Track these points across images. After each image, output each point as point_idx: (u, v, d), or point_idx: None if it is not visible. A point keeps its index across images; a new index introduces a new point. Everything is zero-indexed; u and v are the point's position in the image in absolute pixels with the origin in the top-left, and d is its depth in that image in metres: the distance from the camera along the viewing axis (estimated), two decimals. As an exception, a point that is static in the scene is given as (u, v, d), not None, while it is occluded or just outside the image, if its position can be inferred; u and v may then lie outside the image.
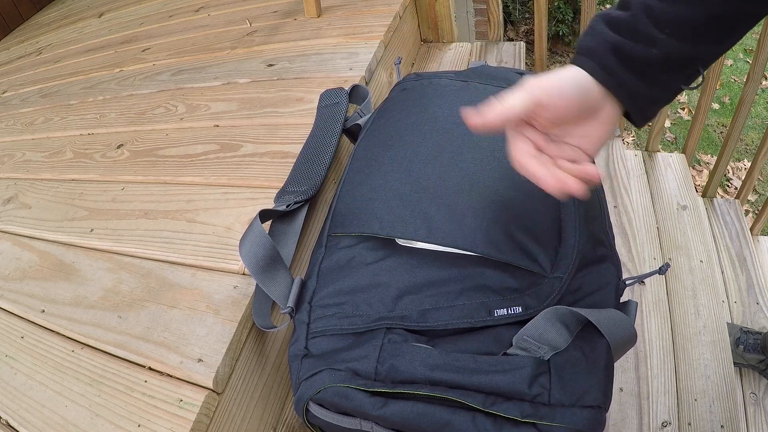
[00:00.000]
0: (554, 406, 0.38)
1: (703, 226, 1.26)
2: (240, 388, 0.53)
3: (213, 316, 0.54)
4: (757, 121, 2.58)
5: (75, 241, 0.71)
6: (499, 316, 0.43)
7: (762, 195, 2.24)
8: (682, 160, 1.46)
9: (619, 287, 0.45)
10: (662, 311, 1.05)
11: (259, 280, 0.50)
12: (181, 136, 0.85)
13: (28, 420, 0.52)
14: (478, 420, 0.38)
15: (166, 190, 0.75)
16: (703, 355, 0.98)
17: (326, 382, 0.41)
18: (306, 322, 0.47)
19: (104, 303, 0.60)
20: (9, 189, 0.90)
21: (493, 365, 0.40)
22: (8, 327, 0.63)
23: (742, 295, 1.34)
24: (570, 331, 0.41)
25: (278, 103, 0.85)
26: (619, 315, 0.41)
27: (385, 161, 0.55)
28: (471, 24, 1.73)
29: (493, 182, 0.50)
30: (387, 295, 0.46)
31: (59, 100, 1.16)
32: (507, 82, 0.64)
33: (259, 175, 0.71)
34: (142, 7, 1.53)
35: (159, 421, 0.47)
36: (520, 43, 1.23)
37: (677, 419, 0.87)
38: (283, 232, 0.59)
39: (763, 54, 1.23)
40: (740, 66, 2.89)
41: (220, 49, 1.09)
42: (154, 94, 1.02)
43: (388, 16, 1.00)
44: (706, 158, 2.41)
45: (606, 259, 0.47)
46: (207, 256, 0.62)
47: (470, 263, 0.46)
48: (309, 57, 0.95)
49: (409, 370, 0.41)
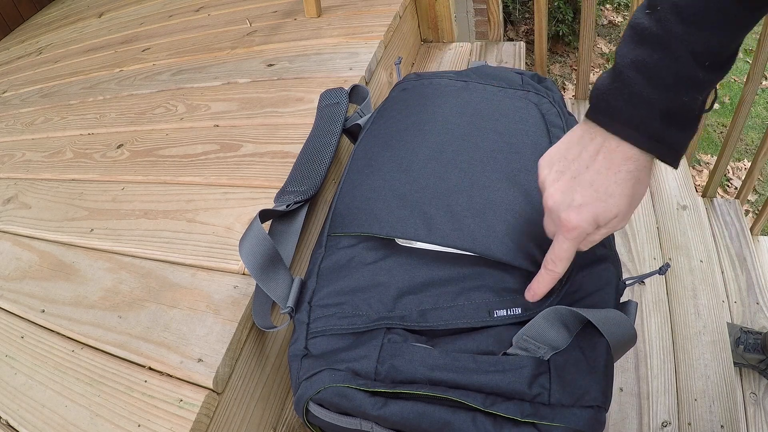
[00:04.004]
0: (554, 406, 0.38)
1: (703, 226, 1.25)
2: (240, 388, 0.53)
3: (213, 316, 0.54)
4: (757, 121, 2.58)
5: (75, 241, 0.71)
6: (498, 317, 0.43)
7: (762, 195, 2.24)
8: (682, 160, 1.46)
9: (619, 287, 0.45)
10: (662, 311, 1.05)
11: (259, 280, 0.50)
12: (181, 136, 0.85)
13: (28, 420, 0.52)
14: (478, 420, 0.38)
15: (166, 190, 0.75)
16: (703, 355, 0.98)
17: (326, 382, 0.41)
18: (306, 322, 0.47)
19: (104, 303, 0.60)
20: (9, 189, 0.90)
21: (493, 365, 0.40)
22: (8, 327, 0.63)
23: (742, 295, 1.34)
24: (570, 331, 0.41)
25: (278, 103, 0.85)
26: (619, 315, 0.41)
27: (385, 161, 0.55)
28: (471, 24, 1.73)
29: (493, 182, 0.50)
30: (387, 295, 0.46)
31: (59, 100, 1.16)
32: (507, 82, 0.64)
33: (259, 175, 0.71)
34: (142, 7, 1.53)
35: (159, 421, 0.47)
36: (520, 43, 1.23)
37: (677, 419, 0.87)
38: (283, 232, 0.59)
39: (763, 54, 1.23)
40: (740, 66, 2.89)
41: (220, 49, 1.09)
42: (154, 94, 1.02)
43: (388, 16, 1.00)
44: (706, 158, 2.41)
45: (606, 259, 0.47)
46: (207, 256, 0.62)
47: (470, 263, 0.46)
48: (309, 57, 0.95)
49: (409, 370, 0.41)
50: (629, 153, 0.34)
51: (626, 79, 0.34)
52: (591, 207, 0.36)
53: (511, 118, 0.57)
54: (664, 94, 0.33)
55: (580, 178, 0.36)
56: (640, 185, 0.36)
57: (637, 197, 0.36)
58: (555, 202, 0.38)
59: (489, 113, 0.58)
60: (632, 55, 0.33)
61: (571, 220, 0.36)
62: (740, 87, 2.40)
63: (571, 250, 0.38)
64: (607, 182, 0.35)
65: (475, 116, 0.58)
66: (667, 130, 0.33)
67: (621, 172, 0.35)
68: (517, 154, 0.52)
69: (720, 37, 0.31)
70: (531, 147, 0.53)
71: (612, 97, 0.34)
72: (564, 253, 0.39)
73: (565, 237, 0.38)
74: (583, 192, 0.36)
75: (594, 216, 0.36)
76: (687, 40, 0.31)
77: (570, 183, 0.37)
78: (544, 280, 0.41)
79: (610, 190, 0.35)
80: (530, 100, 0.60)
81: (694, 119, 0.34)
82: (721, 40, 0.31)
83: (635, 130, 0.34)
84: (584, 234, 0.37)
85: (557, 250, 0.39)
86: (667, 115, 0.33)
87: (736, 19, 0.30)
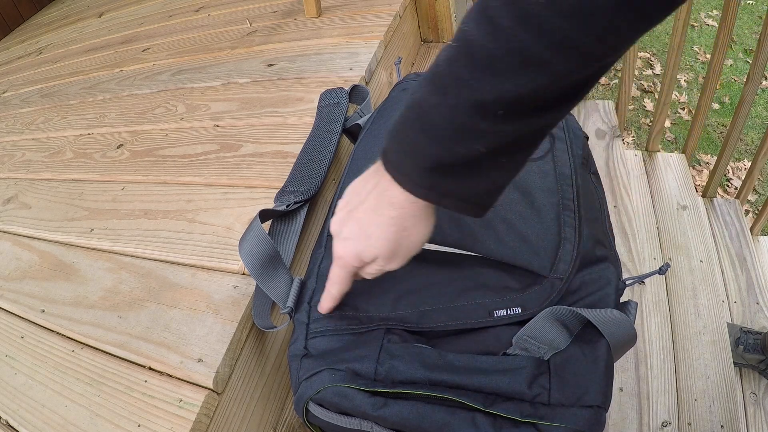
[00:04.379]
0: (554, 406, 0.38)
1: (703, 226, 1.25)
2: (240, 388, 0.53)
3: (213, 316, 0.54)
4: (757, 121, 2.58)
5: (75, 241, 0.71)
6: (498, 317, 0.43)
7: (762, 195, 2.24)
8: (682, 160, 1.46)
9: (619, 287, 0.45)
10: (662, 311, 1.05)
11: (259, 280, 0.50)
12: (181, 136, 0.85)
13: (28, 420, 0.52)
14: (477, 420, 0.38)
15: (166, 190, 0.75)
16: (703, 355, 0.98)
17: (326, 382, 0.41)
18: (305, 323, 0.47)
19: (104, 303, 0.60)
20: (9, 189, 0.90)
21: (493, 365, 0.40)
22: (8, 327, 0.63)
23: (742, 295, 1.34)
24: (570, 331, 0.41)
25: (278, 103, 0.85)
26: (619, 315, 0.41)
27: (385, 161, 0.55)
28: (471, 24, 1.74)
29: (493, 182, 0.50)
30: (386, 295, 0.46)
31: (59, 100, 1.16)
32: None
33: (259, 175, 0.71)
34: (142, 7, 1.53)
35: (159, 421, 0.47)
36: (520, 43, 1.23)
37: (677, 419, 0.87)
38: (283, 232, 0.59)
39: (763, 54, 1.23)
40: (740, 66, 2.89)
41: (220, 49, 1.09)
42: (154, 94, 1.02)
43: (388, 16, 1.00)
44: (706, 158, 2.41)
45: (606, 259, 0.47)
46: (207, 256, 0.62)
47: (469, 263, 0.46)
48: (309, 57, 0.95)
49: (408, 370, 0.41)
50: (395, 198, 0.33)
51: (405, 118, 0.31)
52: (353, 243, 0.37)
53: (510, 118, 0.57)
54: (434, 144, 0.29)
55: (353, 213, 0.37)
56: (406, 233, 0.35)
57: (404, 244, 0.35)
58: (332, 230, 0.39)
59: (489, 113, 0.58)
60: (419, 93, 0.30)
61: (337, 251, 0.39)
62: (740, 87, 2.40)
63: (342, 275, 0.40)
64: (369, 223, 0.35)
65: (475, 116, 0.58)
66: (439, 180, 0.30)
67: (383, 216, 0.34)
68: (517, 154, 0.52)
69: (519, 82, 0.25)
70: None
71: (394, 133, 0.32)
72: (335, 277, 0.41)
73: (335, 263, 0.40)
74: (351, 227, 0.37)
75: (356, 252, 0.37)
76: (470, 87, 0.26)
77: (346, 216, 0.38)
78: (324, 298, 0.44)
79: (369, 231, 0.35)
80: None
81: (479, 167, 0.30)
82: (519, 86, 0.25)
83: (404, 176, 0.32)
84: (350, 265, 0.38)
85: (331, 273, 0.41)
86: (437, 166, 0.30)
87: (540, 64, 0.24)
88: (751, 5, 3.26)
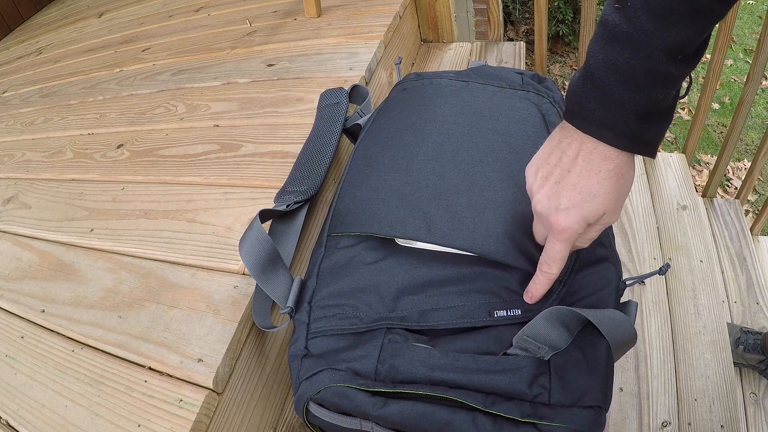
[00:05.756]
0: (554, 406, 0.38)
1: (703, 226, 1.25)
2: (240, 388, 0.53)
3: (213, 316, 0.54)
4: (757, 121, 2.58)
5: (75, 241, 0.71)
6: (498, 317, 0.43)
7: (762, 195, 2.24)
8: (682, 160, 1.46)
9: (619, 287, 0.45)
10: (662, 311, 1.05)
11: (259, 280, 0.50)
12: (181, 136, 0.85)
13: (28, 420, 0.52)
14: (478, 420, 0.38)
15: (166, 190, 0.75)
16: (703, 355, 0.98)
17: (326, 382, 0.41)
18: (306, 322, 0.47)
19: (104, 303, 0.60)
20: (9, 189, 0.90)
21: (493, 365, 0.40)
22: (8, 327, 0.63)
23: (742, 295, 1.34)
24: (570, 332, 0.41)
25: (278, 103, 0.85)
26: (619, 315, 0.41)
27: (385, 161, 0.55)
28: (471, 24, 1.73)
29: (493, 182, 0.50)
30: (387, 295, 0.46)
31: (59, 100, 1.16)
32: (507, 82, 0.64)
33: (259, 175, 0.71)
34: (142, 7, 1.53)
35: (159, 421, 0.47)
36: (520, 43, 1.23)
37: (677, 419, 0.87)
38: (283, 232, 0.59)
39: (763, 54, 1.23)
40: (740, 66, 2.89)
41: (220, 49, 1.09)
42: (154, 94, 1.02)
43: (388, 16, 1.00)
44: (706, 158, 2.41)
45: (606, 259, 0.47)
46: (207, 256, 0.62)
47: (470, 263, 0.46)
48: (309, 57, 0.95)
49: (409, 369, 0.41)
50: (607, 153, 0.35)
51: (597, 80, 0.34)
52: (578, 209, 0.36)
53: (511, 118, 0.57)
54: (638, 93, 0.33)
55: (564, 181, 0.37)
56: (623, 180, 0.36)
57: (624, 191, 0.37)
58: (543, 207, 0.38)
59: (489, 113, 0.58)
60: (603, 55, 0.33)
61: (561, 223, 0.37)
62: (740, 87, 2.40)
63: (564, 251, 0.39)
64: (590, 183, 0.36)
65: (476, 116, 0.58)
66: (642, 127, 0.34)
67: (602, 171, 0.35)
68: (517, 154, 0.52)
69: (692, 30, 0.30)
70: (531, 147, 0.53)
71: (585, 99, 0.35)
72: (557, 254, 0.40)
73: (557, 239, 0.39)
74: (569, 195, 0.37)
75: (582, 217, 0.37)
76: (659, 36, 0.31)
77: (555, 187, 0.38)
78: (540, 282, 0.42)
79: (593, 190, 0.36)
80: (530, 101, 0.60)
81: (669, 111, 0.34)
82: (692, 32, 0.31)
83: (611, 131, 0.34)
84: (575, 234, 0.38)
85: (550, 252, 0.40)
86: (642, 113, 0.33)
87: (707, 12, 0.30)
88: (751, 5, 3.26)
